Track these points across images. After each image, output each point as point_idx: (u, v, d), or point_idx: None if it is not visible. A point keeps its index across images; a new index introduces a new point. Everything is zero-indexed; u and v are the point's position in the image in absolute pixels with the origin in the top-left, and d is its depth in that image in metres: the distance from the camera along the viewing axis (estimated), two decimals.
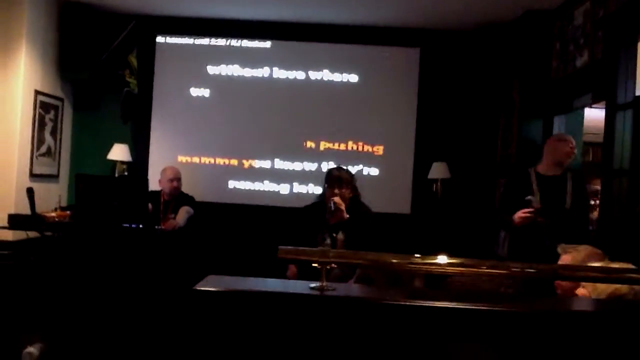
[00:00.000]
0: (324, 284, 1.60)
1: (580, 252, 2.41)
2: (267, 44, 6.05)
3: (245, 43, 6.05)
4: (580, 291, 2.07)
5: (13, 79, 5.11)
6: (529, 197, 3.84)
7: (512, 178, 4.26)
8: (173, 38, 6.07)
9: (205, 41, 6.06)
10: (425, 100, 6.01)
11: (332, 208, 3.78)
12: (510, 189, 4.13)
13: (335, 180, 3.88)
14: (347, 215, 3.81)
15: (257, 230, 5.77)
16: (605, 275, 1.79)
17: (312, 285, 1.63)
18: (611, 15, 3.93)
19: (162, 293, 4.34)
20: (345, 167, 4.16)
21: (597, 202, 4.25)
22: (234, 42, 6.05)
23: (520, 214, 3.79)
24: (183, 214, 4.92)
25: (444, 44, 6.00)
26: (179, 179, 5.14)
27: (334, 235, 3.73)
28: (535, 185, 3.89)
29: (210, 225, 5.49)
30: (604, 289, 1.92)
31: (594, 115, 5.00)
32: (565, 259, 2.44)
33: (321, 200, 3.99)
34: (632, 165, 3.50)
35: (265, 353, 1.57)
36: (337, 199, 3.79)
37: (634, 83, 3.52)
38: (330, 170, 4.03)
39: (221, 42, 6.05)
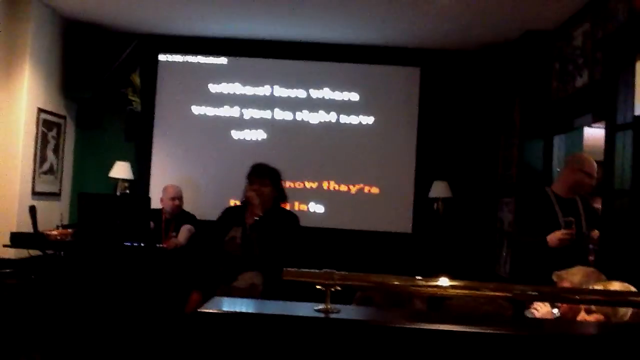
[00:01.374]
0: (329, 306, 1.61)
1: (575, 275, 2.41)
2: (268, 62, 6.10)
3: (247, 61, 6.10)
4: (594, 316, 2.06)
5: (16, 96, 5.15)
6: (570, 218, 3.69)
7: (531, 198, 4.11)
8: (175, 56, 6.13)
9: (207, 59, 6.11)
10: (425, 119, 6.04)
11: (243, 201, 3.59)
12: (531, 210, 3.94)
13: (255, 172, 3.64)
14: (260, 213, 3.53)
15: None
16: (607, 299, 1.80)
17: (317, 307, 1.63)
18: (610, 36, 3.97)
19: (164, 313, 4.33)
20: (272, 166, 3.80)
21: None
22: (235, 60, 6.10)
23: (559, 236, 3.63)
24: (185, 233, 4.92)
25: (444, 64, 6.05)
26: (180, 198, 5.16)
27: (247, 233, 3.53)
28: (557, 207, 3.79)
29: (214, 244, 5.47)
30: (625, 312, 1.92)
31: (594, 133, 5.03)
32: (564, 283, 2.44)
33: (242, 201, 3.76)
34: (633, 185, 3.52)
35: None
36: (251, 193, 3.57)
37: (633, 103, 3.55)
38: (253, 165, 3.74)
39: (223, 60, 6.10)
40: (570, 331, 1.78)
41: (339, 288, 1.65)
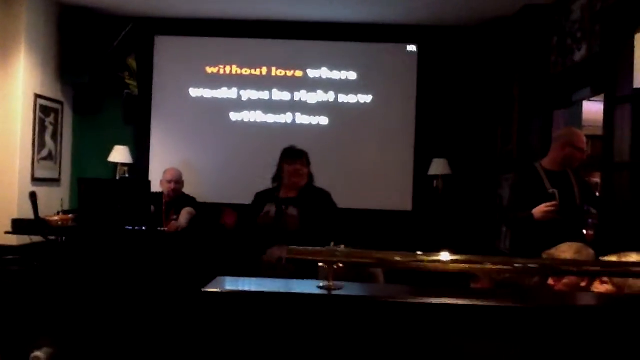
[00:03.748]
0: (331, 283, 1.62)
1: (566, 253, 2.40)
2: (265, 42, 6.06)
3: (243, 42, 6.06)
4: (605, 287, 2.06)
5: (13, 83, 5.13)
6: (553, 190, 3.69)
7: (520, 174, 4.12)
8: (171, 38, 6.09)
9: (203, 41, 6.07)
10: (424, 97, 6.03)
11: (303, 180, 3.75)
12: (521, 185, 3.94)
13: (297, 154, 3.84)
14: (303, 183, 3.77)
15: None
16: (608, 269, 1.81)
17: (320, 284, 1.64)
18: (608, 8, 3.94)
19: (168, 295, 4.36)
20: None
21: (597, 195, 4.25)
22: (232, 42, 6.06)
23: (542, 208, 3.61)
24: (185, 216, 4.93)
25: (442, 40, 6.01)
26: (177, 181, 5.15)
27: (283, 207, 3.70)
28: (547, 181, 3.78)
29: (213, 225, 5.50)
30: (633, 282, 1.92)
31: (592, 107, 5.02)
32: (558, 252, 2.45)
33: (275, 182, 3.91)
34: (632, 158, 3.52)
35: (274, 354, 1.59)
36: (297, 170, 3.76)
37: (632, 76, 3.54)
38: (289, 147, 3.95)
39: (219, 41, 6.07)
40: (569, 303, 1.80)
41: (341, 265, 1.66)
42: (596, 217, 4.20)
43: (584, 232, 4.05)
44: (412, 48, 6.06)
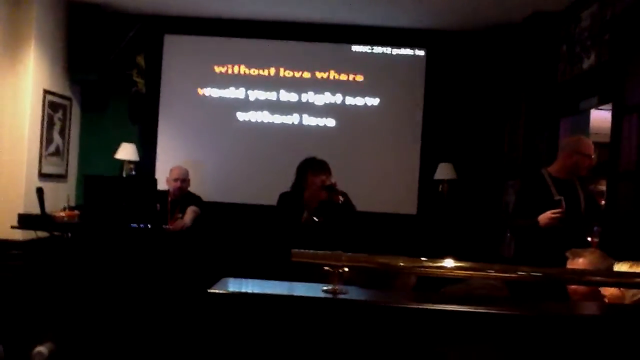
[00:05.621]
0: (336, 287, 1.63)
1: (587, 257, 2.42)
2: (274, 43, 6.07)
3: (252, 42, 6.08)
4: (609, 291, 2.06)
5: (22, 78, 5.15)
6: (559, 197, 3.68)
7: (527, 181, 4.10)
8: (180, 37, 6.11)
9: (212, 40, 6.09)
10: (431, 101, 6.03)
11: (329, 194, 3.81)
12: (527, 191, 3.94)
13: (322, 166, 3.92)
14: (342, 199, 3.85)
15: (266, 230, 5.78)
16: (615, 280, 1.81)
17: (325, 288, 1.65)
18: (618, 17, 3.94)
19: (172, 294, 4.37)
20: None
21: (603, 202, 4.24)
22: (241, 42, 6.08)
23: (548, 215, 3.60)
24: (190, 214, 4.94)
25: (450, 45, 6.02)
26: (184, 180, 5.15)
27: (314, 218, 3.81)
28: (553, 188, 3.76)
29: (218, 225, 5.51)
30: (634, 292, 1.92)
31: (600, 115, 5.01)
32: (577, 263, 2.45)
33: (296, 189, 3.98)
34: (638, 168, 3.52)
35: (278, 356, 1.59)
36: (333, 181, 3.85)
37: None
38: (312, 158, 4.01)
39: (228, 41, 6.09)
40: (567, 312, 1.80)
41: (346, 269, 1.66)
42: (599, 229, 4.19)
43: (589, 239, 4.04)
44: (420, 52, 6.06)
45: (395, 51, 6.06)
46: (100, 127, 6.08)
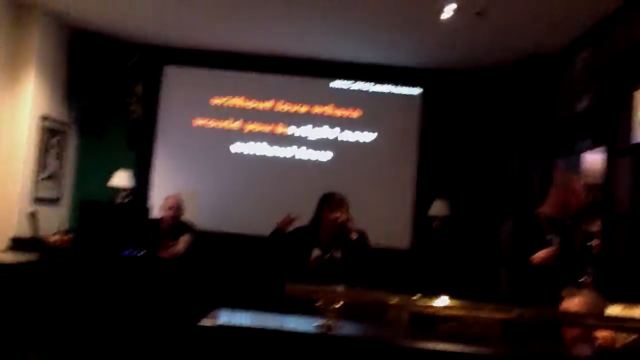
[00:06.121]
0: (330, 322, 1.63)
1: (583, 298, 2.41)
2: (272, 77, 6.14)
3: (251, 75, 6.14)
4: (602, 333, 2.05)
5: (21, 104, 5.17)
6: (551, 236, 3.71)
7: (520, 220, 4.11)
8: (180, 69, 6.17)
9: (211, 72, 6.15)
10: (427, 138, 6.08)
11: (342, 231, 3.79)
12: (520, 230, 3.98)
13: (339, 201, 3.89)
14: (356, 236, 3.84)
15: (258, 260, 5.76)
16: (607, 324, 1.81)
17: (318, 323, 1.64)
18: (605, 64, 4.00)
19: (162, 323, 4.33)
20: None
21: (595, 243, 4.24)
22: (240, 75, 6.14)
23: (541, 255, 3.64)
24: (183, 242, 4.94)
25: (447, 83, 6.09)
26: (177, 208, 5.14)
27: (326, 255, 3.75)
28: (546, 227, 3.77)
29: (211, 254, 5.48)
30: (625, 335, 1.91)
31: (593, 156, 5.04)
32: (572, 302, 2.44)
33: (313, 224, 3.93)
34: (631, 209, 3.54)
35: None
36: (349, 216, 3.85)
37: (632, 130, 3.58)
38: (331, 193, 3.99)
39: (227, 74, 6.15)
40: (560, 353, 1.80)
41: (340, 305, 1.66)
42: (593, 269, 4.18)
43: (583, 279, 4.04)
44: (417, 90, 6.14)
45: (393, 88, 6.13)
46: (96, 152, 6.08)
